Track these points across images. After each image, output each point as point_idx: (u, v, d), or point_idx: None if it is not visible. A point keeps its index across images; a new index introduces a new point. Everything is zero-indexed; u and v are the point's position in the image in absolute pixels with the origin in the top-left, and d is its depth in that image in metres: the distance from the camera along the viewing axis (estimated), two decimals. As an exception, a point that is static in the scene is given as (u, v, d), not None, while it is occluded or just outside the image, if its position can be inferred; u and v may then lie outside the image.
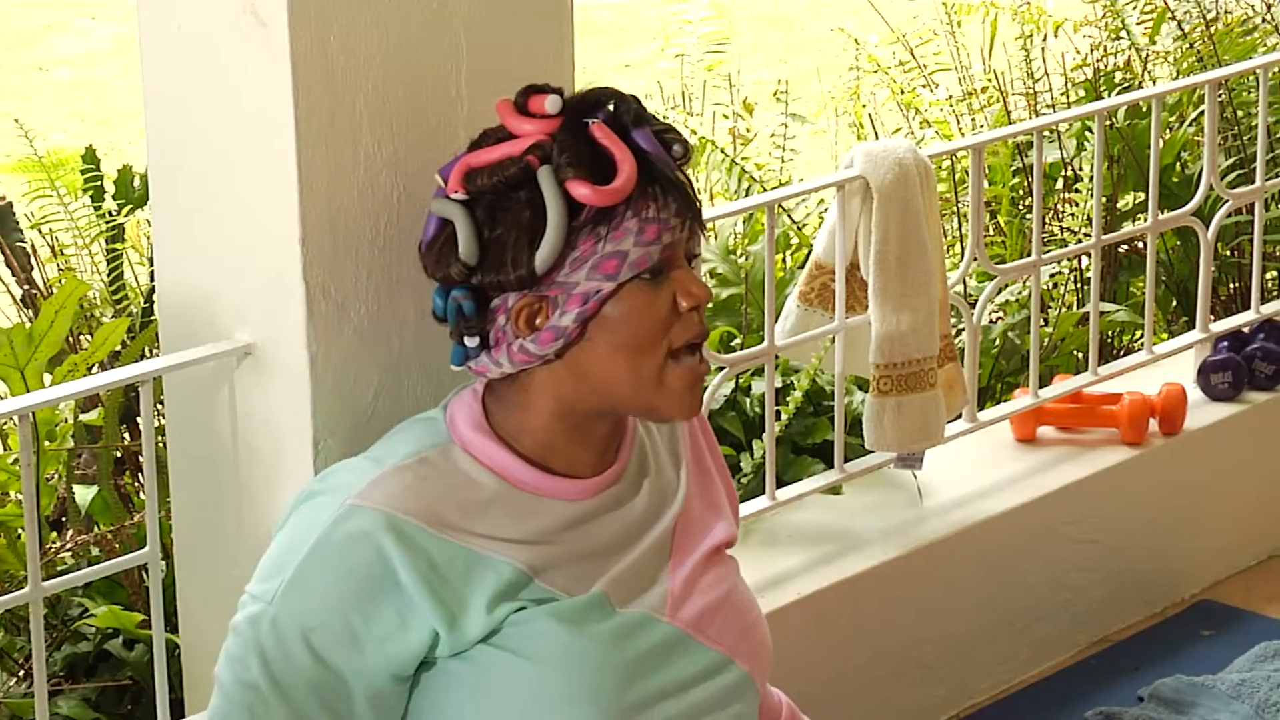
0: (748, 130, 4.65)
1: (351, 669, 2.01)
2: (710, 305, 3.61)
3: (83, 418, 3.12)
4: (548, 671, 2.03)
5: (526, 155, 2.03)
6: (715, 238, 3.80)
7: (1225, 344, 3.72)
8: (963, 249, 4.00)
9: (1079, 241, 4.06)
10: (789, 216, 4.05)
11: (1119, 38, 4.54)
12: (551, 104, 2.06)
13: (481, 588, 2.02)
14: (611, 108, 2.09)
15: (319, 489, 2.07)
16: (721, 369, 3.00)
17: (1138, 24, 4.56)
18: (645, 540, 2.15)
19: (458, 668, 2.04)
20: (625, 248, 2.02)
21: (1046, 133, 3.99)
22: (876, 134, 4.74)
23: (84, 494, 3.01)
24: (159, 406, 2.66)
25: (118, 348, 3.17)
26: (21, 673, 2.80)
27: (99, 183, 3.74)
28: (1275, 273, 4.31)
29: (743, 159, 4.18)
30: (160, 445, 2.63)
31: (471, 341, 2.08)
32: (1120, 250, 4.24)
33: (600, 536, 2.12)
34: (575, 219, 2.02)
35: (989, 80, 4.66)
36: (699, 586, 2.16)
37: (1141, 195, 4.23)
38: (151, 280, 3.50)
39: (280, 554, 2.05)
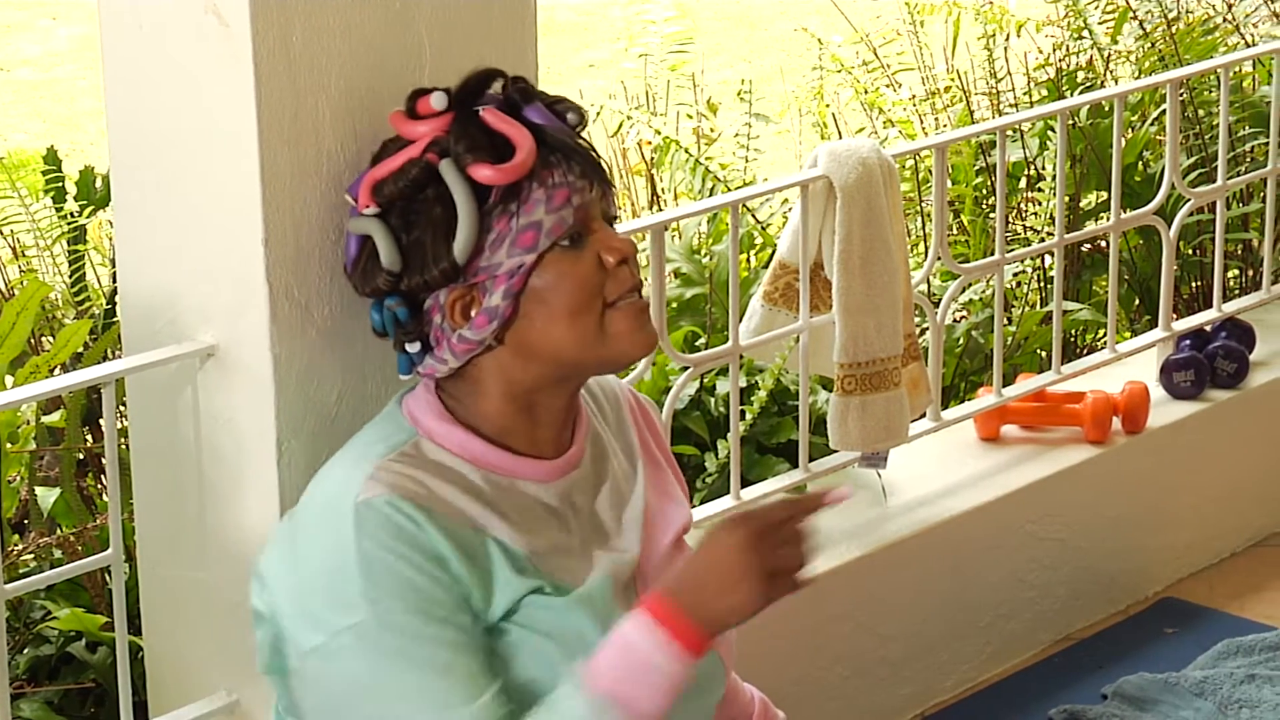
0: (712, 130, 4.65)
1: (452, 607, 2.01)
2: (674, 305, 3.61)
3: (45, 419, 3.11)
4: (561, 651, 2.05)
5: (426, 154, 2.07)
6: (679, 237, 3.80)
7: (1188, 342, 3.74)
8: (926, 248, 4.01)
9: (1042, 240, 4.08)
10: (753, 216, 4.05)
11: (1081, 37, 4.55)
12: (438, 100, 2.10)
13: (498, 563, 2.04)
14: (499, 89, 2.12)
15: (308, 512, 2.06)
16: (686, 368, 3.00)
17: (1100, 24, 4.57)
18: (622, 531, 2.17)
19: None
20: (538, 217, 2.05)
21: (1009, 132, 4.00)
22: (840, 134, 4.75)
23: (46, 496, 3.00)
24: (122, 408, 2.65)
25: (80, 349, 3.16)
26: (-16, 676, 2.78)
27: (60, 184, 3.73)
28: (1237, 271, 4.33)
29: (707, 159, 4.18)
30: (123, 447, 2.62)
31: (413, 347, 2.11)
32: (1083, 249, 4.25)
33: (576, 524, 2.14)
34: (485, 203, 2.06)
35: (952, 80, 4.68)
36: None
37: (1104, 194, 4.25)
38: (114, 281, 3.49)
39: (333, 574, 2.01)
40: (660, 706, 1.99)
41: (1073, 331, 4.18)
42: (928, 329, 3.36)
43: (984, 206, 4.27)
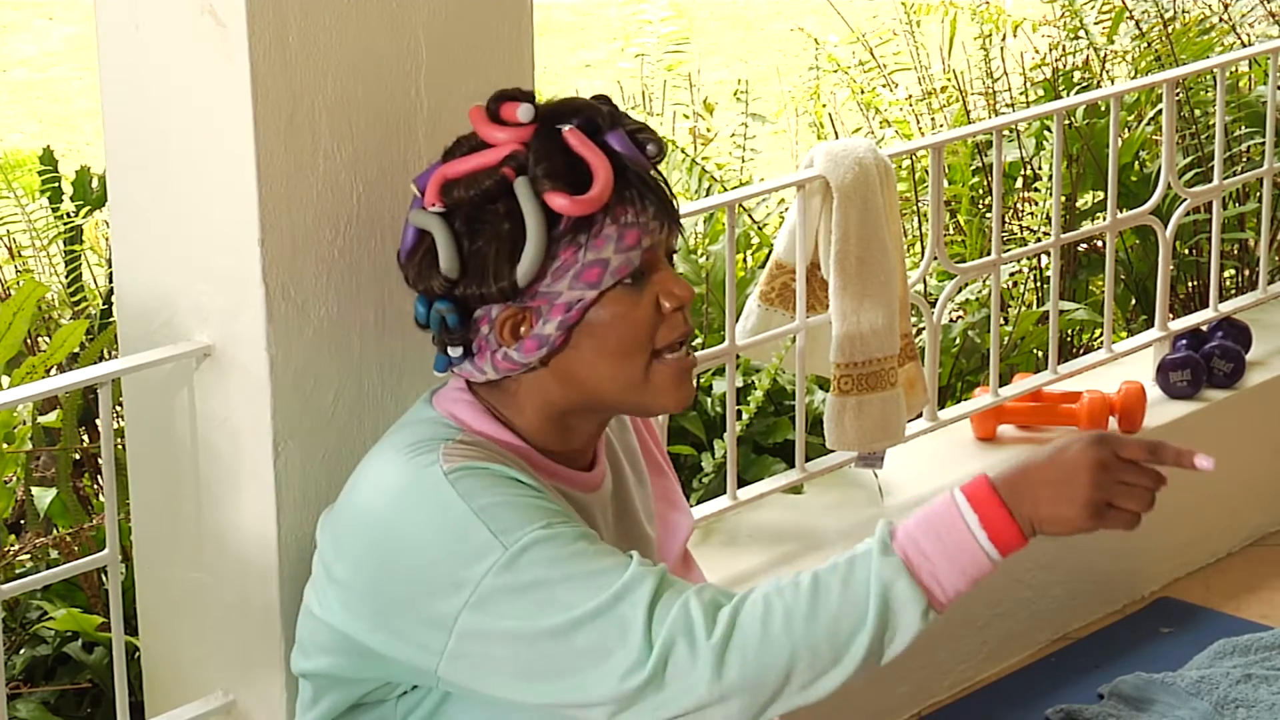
0: (708, 130, 4.65)
1: (564, 513, 2.00)
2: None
3: (41, 420, 3.11)
4: None
5: (502, 167, 2.03)
6: (676, 237, 3.80)
7: (1184, 342, 3.74)
8: (923, 248, 4.01)
9: (1038, 240, 4.08)
10: (749, 216, 4.05)
11: (1077, 37, 4.55)
12: (524, 112, 2.06)
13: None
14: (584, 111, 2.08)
15: (400, 502, 2.01)
16: (682, 369, 3.00)
17: (1096, 24, 4.57)
18: (645, 542, 2.18)
19: None
20: (606, 255, 2.03)
21: (1006, 132, 4.00)
22: (836, 133, 4.75)
23: (42, 496, 2.99)
24: (118, 408, 2.65)
25: (76, 349, 3.16)
26: (-20, 676, 2.78)
27: (56, 184, 3.73)
28: (1233, 271, 4.33)
29: (703, 159, 4.18)
30: (119, 447, 2.62)
31: (455, 351, 2.08)
32: (1079, 249, 4.26)
33: (610, 535, 2.14)
34: (554, 229, 2.02)
35: (948, 80, 4.68)
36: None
37: (1100, 194, 4.25)
38: (110, 282, 3.49)
39: (457, 547, 1.96)
40: (956, 589, 1.96)
41: (1069, 331, 4.18)
42: (924, 329, 3.36)
43: (980, 206, 4.27)
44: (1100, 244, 4.17)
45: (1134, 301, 4.24)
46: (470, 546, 1.96)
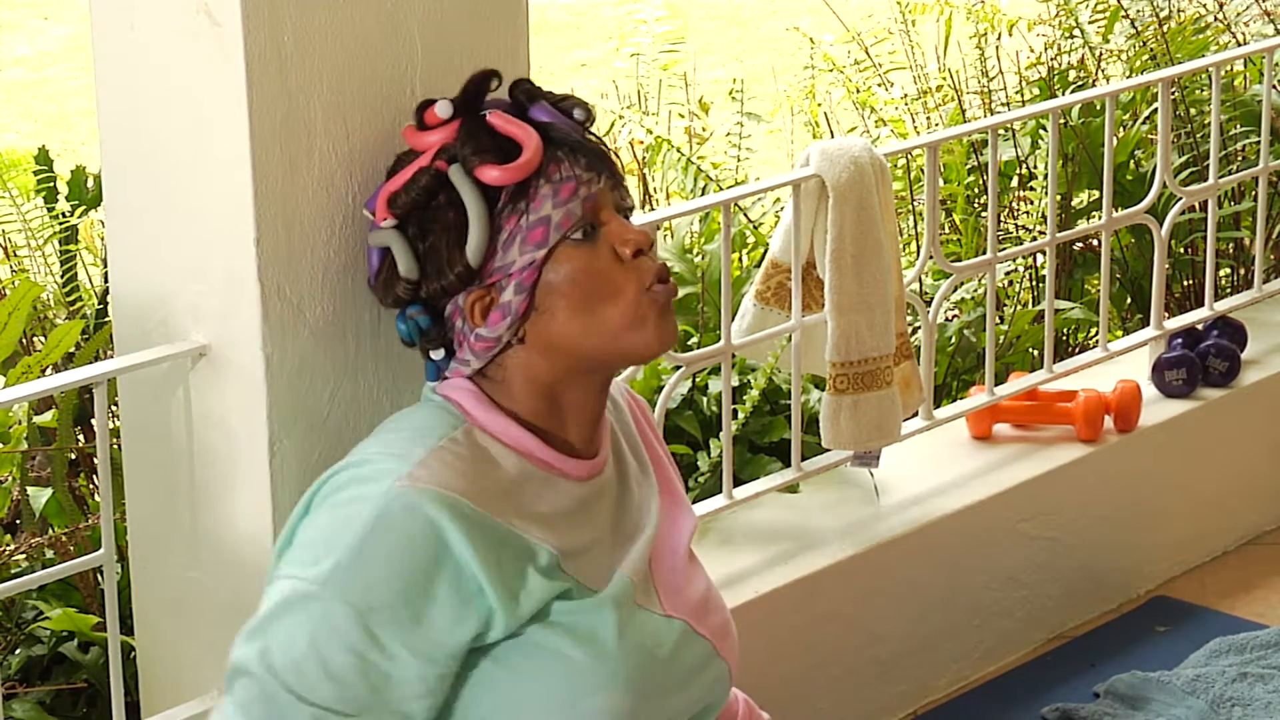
0: (703, 129, 4.65)
1: (410, 648, 1.98)
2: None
3: (37, 420, 3.11)
4: (586, 654, 2.04)
5: (435, 161, 2.10)
6: (671, 237, 3.80)
7: (1179, 341, 3.74)
8: (918, 247, 4.00)
9: (1034, 239, 4.08)
10: (745, 215, 4.05)
11: (1073, 36, 4.55)
12: (443, 109, 2.12)
13: (529, 569, 2.03)
14: (506, 92, 2.14)
15: (351, 478, 2.03)
16: (678, 368, 3.00)
17: (1091, 22, 4.57)
18: (642, 534, 2.18)
19: (506, 651, 2.04)
20: (546, 213, 2.07)
21: (1001, 131, 4.00)
22: (832, 132, 4.75)
23: (38, 496, 2.99)
24: (113, 408, 2.65)
25: (72, 349, 3.16)
26: (-24, 676, 2.78)
27: (52, 183, 3.73)
28: (1228, 270, 4.33)
29: (698, 158, 4.18)
30: (115, 447, 2.62)
31: (437, 354, 2.12)
32: (1075, 248, 4.26)
33: (604, 524, 2.14)
34: (495, 205, 2.07)
35: (944, 79, 4.68)
36: (687, 580, 2.20)
37: (1096, 193, 4.25)
38: (105, 281, 3.49)
39: (326, 537, 2.00)
40: None
41: (1065, 330, 4.19)
42: (920, 328, 3.36)
43: (976, 205, 4.27)
44: (1095, 243, 4.17)
45: (1129, 300, 4.25)
46: (317, 551, 1.99)
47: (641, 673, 2.07)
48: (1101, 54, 4.52)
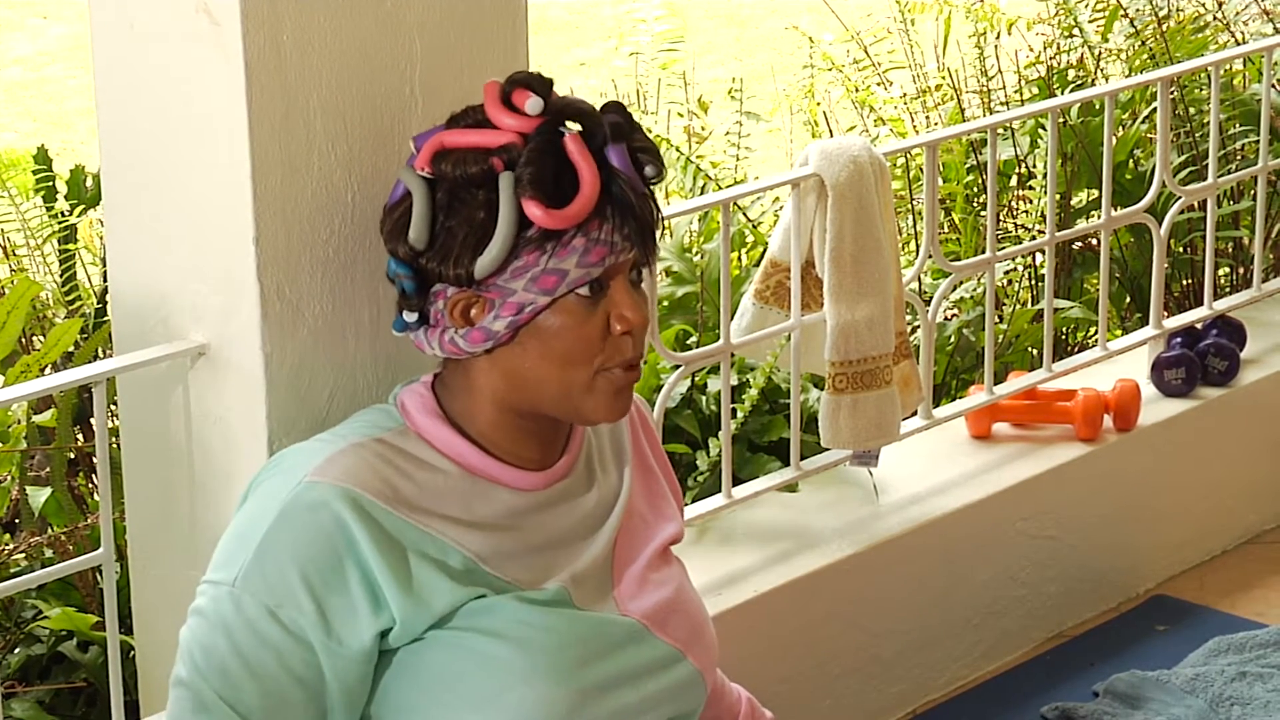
0: (703, 128, 4.65)
1: (320, 644, 2.01)
2: (666, 303, 3.61)
3: (36, 419, 3.11)
4: (510, 650, 2.05)
5: (493, 156, 2.04)
6: (671, 236, 3.80)
7: (1179, 340, 3.74)
8: (917, 246, 4.00)
9: (1033, 238, 4.08)
10: (744, 214, 4.05)
11: (1072, 35, 4.55)
12: (533, 105, 2.05)
13: (436, 571, 2.03)
14: (591, 118, 2.08)
15: (272, 472, 2.08)
16: (677, 367, 3.00)
17: (1090, 22, 4.57)
18: (597, 537, 2.16)
19: (413, 654, 2.05)
20: (567, 266, 2.04)
21: (1000, 130, 4.00)
22: (831, 132, 4.75)
23: (37, 495, 2.99)
24: (113, 407, 2.65)
25: (71, 348, 3.16)
26: (-25, 676, 2.78)
27: (51, 183, 3.73)
28: (1228, 269, 4.33)
29: (698, 157, 4.18)
30: (114, 446, 2.62)
31: (410, 316, 2.10)
32: (1074, 247, 4.26)
33: (552, 530, 2.14)
34: (525, 231, 2.03)
35: (943, 78, 4.68)
36: (649, 583, 2.19)
37: (1095, 192, 4.25)
38: (104, 280, 3.49)
39: (238, 536, 2.04)
40: None
41: (1064, 329, 4.19)
42: (919, 327, 3.36)
43: (975, 204, 4.27)
44: (1095, 242, 4.17)
45: (1129, 299, 4.25)
46: (234, 547, 2.03)
47: (576, 668, 2.07)
48: (1101, 53, 4.52)
